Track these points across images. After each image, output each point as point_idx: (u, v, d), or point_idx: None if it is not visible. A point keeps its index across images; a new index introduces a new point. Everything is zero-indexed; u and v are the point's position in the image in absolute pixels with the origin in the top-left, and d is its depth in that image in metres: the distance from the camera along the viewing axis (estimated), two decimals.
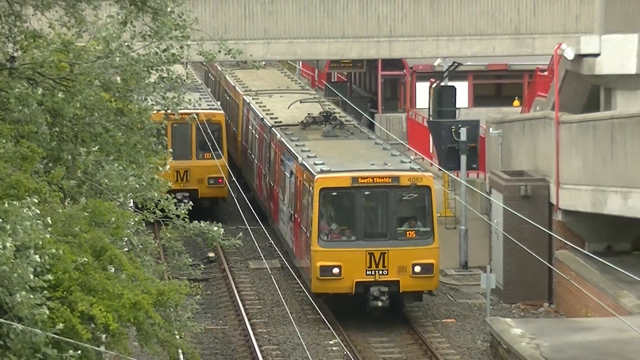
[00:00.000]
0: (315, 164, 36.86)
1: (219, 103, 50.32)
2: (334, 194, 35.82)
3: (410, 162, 38.58)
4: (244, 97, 54.48)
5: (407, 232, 35.61)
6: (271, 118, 47.48)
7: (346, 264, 34.91)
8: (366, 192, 35.51)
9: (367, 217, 36.24)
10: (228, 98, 61.53)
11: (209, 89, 65.19)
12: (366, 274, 34.65)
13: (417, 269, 34.65)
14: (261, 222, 41.84)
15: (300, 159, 39.09)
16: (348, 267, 34.85)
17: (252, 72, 58.47)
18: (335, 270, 34.90)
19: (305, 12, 43.61)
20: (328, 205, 35.85)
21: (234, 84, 59.84)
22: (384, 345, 35.84)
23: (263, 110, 50.29)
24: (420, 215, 36.00)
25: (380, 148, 41.57)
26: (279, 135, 44.44)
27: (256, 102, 52.63)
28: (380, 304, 34.40)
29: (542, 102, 49.17)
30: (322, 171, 35.69)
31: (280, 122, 46.66)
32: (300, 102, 48.28)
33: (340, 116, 47.47)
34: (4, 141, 20.01)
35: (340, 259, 35.12)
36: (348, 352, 32.29)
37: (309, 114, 45.96)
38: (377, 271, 34.52)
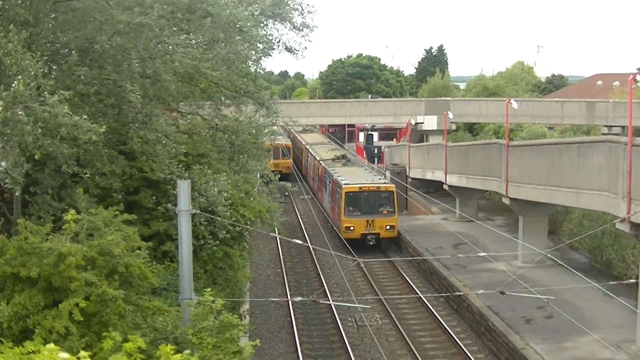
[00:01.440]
0: (341, 179, 64.73)
1: (385, 176, 74.89)
2: (351, 194, 61.76)
3: (383, 178, 68.37)
4: (306, 146, 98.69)
5: (383, 211, 61.41)
6: (318, 156, 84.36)
7: (356, 225, 60.65)
8: (365, 194, 61.94)
9: (366, 204, 61.78)
10: (298, 145, 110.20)
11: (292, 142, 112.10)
12: (365, 229, 60.48)
13: (388, 227, 60.94)
14: (307, 194, 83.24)
15: (334, 176, 67.50)
16: (357, 226, 60.58)
17: (308, 134, 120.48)
18: (352, 227, 60.70)
19: (320, 108, 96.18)
20: (348, 199, 61.55)
21: (300, 139, 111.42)
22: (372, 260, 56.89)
23: (315, 152, 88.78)
24: (389, 204, 61.70)
25: (368, 171, 72.84)
26: (323, 165, 77.35)
27: (311, 148, 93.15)
28: (372, 243, 60.95)
29: (403, 139, 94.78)
30: (345, 184, 62.49)
31: (323, 158, 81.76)
32: (332, 150, 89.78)
33: (347, 156, 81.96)
34: (221, 153, 38.21)
35: (353, 223, 60.80)
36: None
37: (335, 155, 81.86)
38: (370, 229, 60.59)
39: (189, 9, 30.69)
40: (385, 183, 63.78)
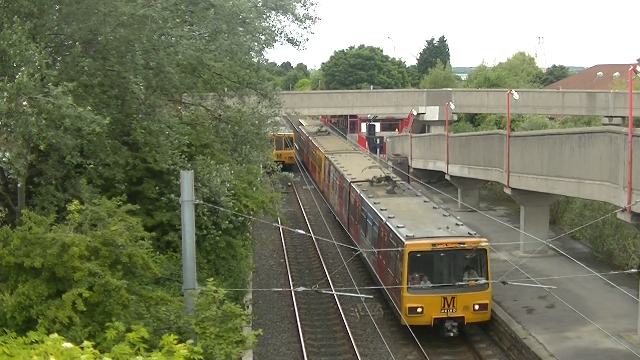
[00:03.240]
0: (398, 226, 40.55)
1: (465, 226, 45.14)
2: (418, 255, 38.29)
3: (462, 224, 41.97)
4: (325, 155, 75.38)
5: (470, 282, 37.97)
6: (347, 174, 60.06)
7: (427, 305, 37.88)
8: (441, 254, 38.51)
9: (443, 271, 38.85)
10: (314, 152, 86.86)
11: (304, 147, 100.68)
12: (440, 311, 37.79)
13: (476, 307, 38.04)
14: (310, 184, 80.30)
15: (383, 217, 43.49)
16: (428, 306, 37.85)
17: (325, 137, 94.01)
18: (419, 309, 37.72)
19: (322, 99, 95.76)
20: (414, 262, 38.24)
21: (317, 145, 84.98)
22: None
23: (341, 167, 64.70)
24: (478, 269, 38.86)
25: (433, 207, 47.01)
26: (359, 192, 52.71)
27: (334, 160, 69.87)
28: (452, 334, 38.02)
29: (405, 130, 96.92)
30: (408, 237, 38.65)
31: (355, 178, 57.35)
32: (368, 166, 60.64)
33: (393, 177, 56.75)
34: (224, 144, 38.16)
35: (421, 301, 37.97)
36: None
37: (374, 176, 55.57)
38: (449, 310, 37.78)
39: (192, 0, 30.73)
40: (471, 235, 40.04)
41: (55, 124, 22.49)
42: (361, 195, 51.83)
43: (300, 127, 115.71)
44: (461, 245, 38.75)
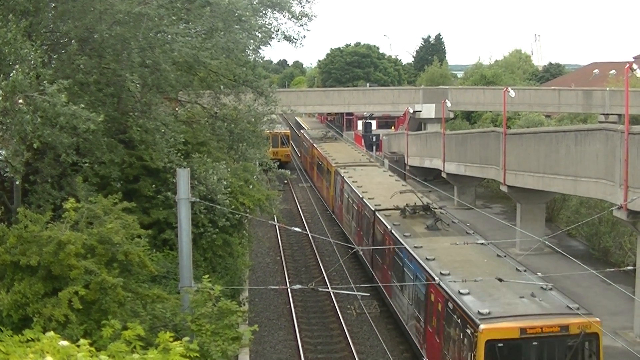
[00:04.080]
0: (461, 293, 28.70)
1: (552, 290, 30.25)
2: (500, 345, 26.26)
3: (551, 287, 29.19)
4: (337, 168, 62.51)
5: None
6: (369, 198, 47.57)
7: None
8: (534, 343, 26.36)
9: None
10: (320, 163, 75.19)
11: (306, 155, 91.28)
12: None
13: None
14: (306, 182, 79.18)
15: (435, 277, 31.16)
16: None
17: (330, 144, 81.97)
18: None
19: (318, 96, 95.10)
20: (493, 354, 26.19)
21: (324, 155, 72.91)
22: None
23: (359, 187, 51.95)
24: None
25: (493, 254, 34.42)
26: (387, 225, 40.75)
27: (348, 177, 57.00)
28: None
29: (401, 128, 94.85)
30: (484, 318, 26.51)
31: (381, 206, 44.92)
32: (400, 192, 45.81)
33: (433, 207, 43.17)
34: (220, 142, 38.13)
35: None
36: None
37: (407, 204, 42.96)
38: None
39: None
40: (573, 311, 27.27)
41: (50, 122, 22.42)
42: (393, 232, 39.65)
43: (302, 131, 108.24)
44: (564, 331, 26.53)
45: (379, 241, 43.47)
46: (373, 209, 45.28)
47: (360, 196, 49.79)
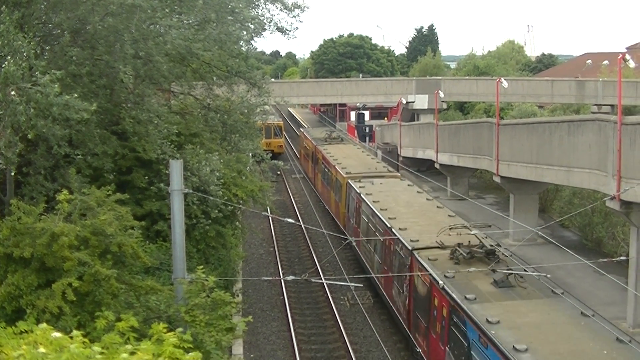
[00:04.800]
0: None
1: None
2: None
3: None
4: (349, 181, 51.65)
5: None
6: (402, 231, 35.98)
7: None
8: None
9: None
10: (327, 170, 63.02)
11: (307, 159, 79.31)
12: None
13: None
14: (299, 172, 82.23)
15: None
16: None
17: (336, 146, 69.90)
18: None
19: (311, 87, 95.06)
20: None
21: (331, 161, 60.77)
22: None
23: (384, 213, 40.13)
24: None
25: (611, 337, 22.83)
26: (439, 281, 28.29)
27: (366, 194, 45.56)
28: None
29: (394, 118, 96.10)
30: None
31: (420, 243, 33.22)
32: (450, 229, 32.88)
33: (495, 248, 31.22)
34: (213, 133, 38.38)
35: None
36: None
37: (459, 244, 31.45)
38: None
39: None
40: None
41: (43, 113, 22.39)
42: (447, 290, 27.77)
43: (302, 130, 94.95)
44: None
45: (420, 297, 31.63)
46: (410, 247, 33.30)
47: (388, 224, 38.22)
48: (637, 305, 35.67)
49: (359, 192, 47.36)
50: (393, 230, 36.95)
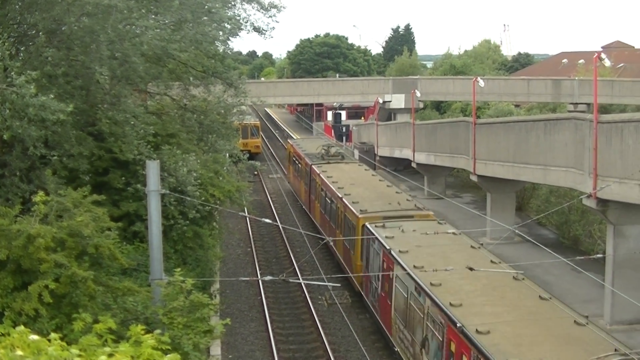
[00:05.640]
0: None
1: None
2: None
3: None
4: (368, 225, 37.87)
5: None
6: (456, 306, 24.92)
7: None
8: None
9: None
10: (330, 201, 49.58)
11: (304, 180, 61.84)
12: None
13: None
14: (276, 173, 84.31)
15: None
16: None
17: (337, 166, 56.56)
18: None
19: (288, 87, 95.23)
20: None
21: (339, 193, 46.17)
22: None
23: (441, 295, 26.28)
24: None
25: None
26: None
27: (401, 252, 31.98)
28: None
29: (371, 118, 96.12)
30: None
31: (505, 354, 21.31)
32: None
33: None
34: (190, 133, 38.55)
35: None
36: None
37: None
38: None
39: None
40: None
41: (19, 114, 22.26)
42: None
43: (292, 142, 77.15)
44: None
45: None
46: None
47: (458, 323, 24.11)
48: (615, 302, 35.79)
49: (388, 248, 33.54)
50: (474, 339, 22.86)
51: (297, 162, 67.38)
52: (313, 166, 57.76)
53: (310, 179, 58.50)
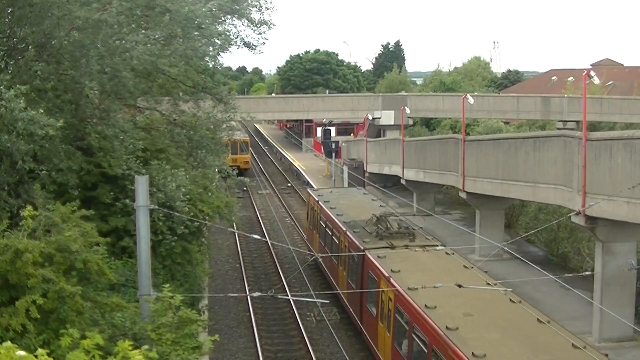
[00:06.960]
0: None
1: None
2: None
3: None
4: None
5: None
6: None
7: None
8: None
9: None
10: (355, 270, 38.07)
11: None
12: None
13: None
14: (265, 189, 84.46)
15: None
16: None
17: (410, 256, 34.74)
18: None
19: (278, 103, 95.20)
20: None
21: (434, 324, 25.66)
22: None
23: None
24: None
25: None
26: None
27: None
28: None
29: (360, 134, 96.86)
30: None
31: None
32: None
33: None
34: (179, 149, 38.46)
35: None
36: None
37: None
38: None
39: (147, 5, 30.52)
40: None
41: (8, 128, 22.16)
42: None
43: (318, 199, 51.03)
44: None
45: None
46: None
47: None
48: (603, 319, 35.78)
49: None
50: None
51: (330, 231, 45.74)
52: (369, 254, 35.77)
53: (361, 270, 37.01)
